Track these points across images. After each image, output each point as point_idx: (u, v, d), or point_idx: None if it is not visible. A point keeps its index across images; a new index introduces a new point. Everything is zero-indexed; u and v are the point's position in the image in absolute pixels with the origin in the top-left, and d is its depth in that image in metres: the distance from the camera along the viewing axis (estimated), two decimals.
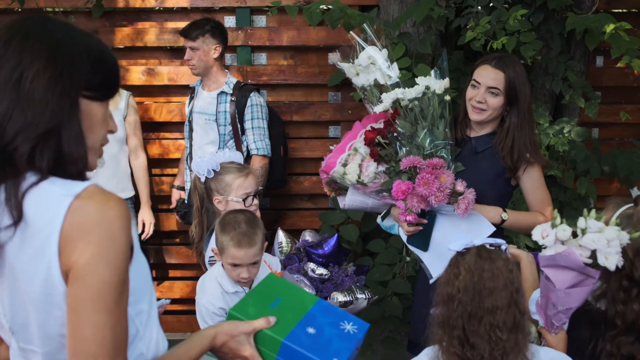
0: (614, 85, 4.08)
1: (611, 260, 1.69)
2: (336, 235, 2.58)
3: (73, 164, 1.16)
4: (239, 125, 3.48)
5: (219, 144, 3.48)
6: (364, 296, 2.55)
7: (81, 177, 1.18)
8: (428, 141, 2.39)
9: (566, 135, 3.47)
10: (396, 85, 2.50)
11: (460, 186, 2.32)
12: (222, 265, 2.31)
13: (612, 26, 2.95)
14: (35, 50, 1.13)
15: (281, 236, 2.71)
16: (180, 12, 4.09)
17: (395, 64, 2.56)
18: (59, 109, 1.13)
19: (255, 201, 2.62)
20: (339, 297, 2.53)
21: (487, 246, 1.69)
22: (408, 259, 2.70)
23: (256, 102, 3.49)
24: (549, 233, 1.74)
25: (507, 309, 1.59)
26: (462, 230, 2.36)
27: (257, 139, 3.47)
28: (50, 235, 1.10)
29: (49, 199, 1.12)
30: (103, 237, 1.10)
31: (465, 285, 1.61)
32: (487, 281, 1.60)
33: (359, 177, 2.40)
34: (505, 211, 2.46)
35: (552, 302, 1.77)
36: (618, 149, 3.76)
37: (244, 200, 2.57)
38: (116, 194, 1.16)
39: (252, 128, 3.48)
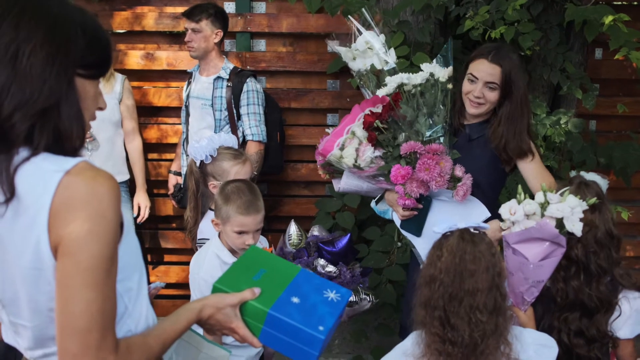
0: (612, 78, 4.08)
1: (577, 226, 1.75)
2: (349, 235, 2.60)
3: (71, 141, 1.17)
4: (234, 111, 3.48)
5: (214, 129, 3.49)
6: (367, 298, 2.56)
7: (75, 153, 1.18)
8: (427, 127, 2.40)
9: (563, 126, 3.48)
10: (393, 71, 2.51)
11: (459, 171, 2.35)
12: (220, 236, 2.34)
13: (610, 18, 2.94)
14: (32, 26, 1.13)
15: (293, 229, 2.72)
16: None
17: (392, 50, 2.57)
18: (57, 86, 1.14)
19: None
20: None
21: (471, 230, 1.71)
22: (399, 244, 2.71)
23: (252, 88, 3.49)
24: (517, 209, 1.79)
25: (488, 291, 1.61)
26: (458, 215, 2.37)
27: (253, 125, 3.48)
28: (40, 210, 1.10)
29: (40, 174, 1.12)
30: (92, 213, 1.11)
31: (447, 266, 1.63)
32: (469, 263, 1.62)
33: (356, 161, 2.42)
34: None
35: (524, 277, 1.80)
36: (615, 141, 3.77)
37: None
38: (106, 171, 1.17)
39: (248, 114, 3.48)
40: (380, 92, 2.45)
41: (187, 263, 4.15)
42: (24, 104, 1.11)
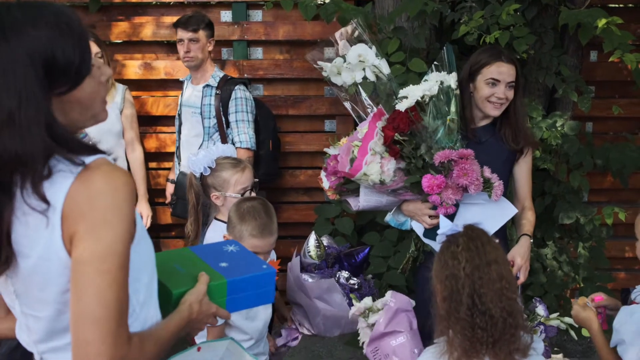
0: (607, 80, 4.11)
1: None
2: (368, 248, 2.62)
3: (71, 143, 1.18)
4: (223, 119, 3.51)
5: (203, 137, 3.52)
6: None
7: (92, 149, 1.20)
8: (447, 135, 2.41)
9: (559, 129, 3.50)
10: (387, 82, 2.52)
11: (487, 173, 2.39)
12: None
13: (604, 21, 2.97)
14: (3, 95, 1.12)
15: (312, 242, 2.76)
16: (177, 6, 4.12)
17: (384, 60, 2.57)
18: (39, 137, 1.13)
19: (252, 194, 2.65)
20: None
21: None
22: (416, 253, 2.68)
23: (240, 96, 3.51)
24: None
25: (508, 269, 1.66)
26: (488, 215, 2.42)
27: (241, 132, 3.49)
28: (55, 204, 1.13)
29: (58, 170, 1.14)
30: (109, 204, 1.13)
31: (467, 248, 1.66)
32: (487, 245, 1.67)
33: (381, 177, 2.41)
34: (528, 236, 2.58)
35: None
36: (611, 143, 3.79)
37: (241, 195, 2.60)
38: (123, 168, 1.20)
39: (237, 121, 3.50)
40: (401, 106, 2.42)
41: None
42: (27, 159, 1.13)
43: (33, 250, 1.16)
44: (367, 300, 2.31)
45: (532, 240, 2.58)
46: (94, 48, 1.21)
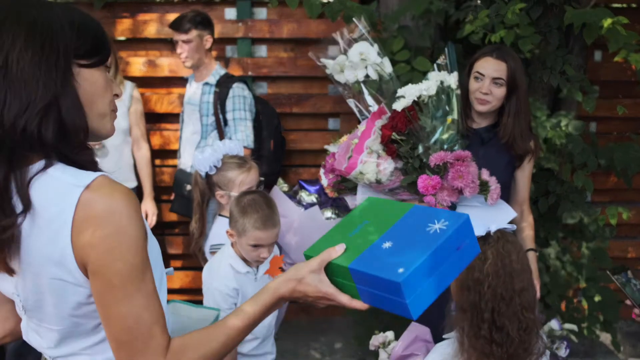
0: (612, 80, 4.11)
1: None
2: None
3: (75, 133, 1.16)
4: (221, 117, 3.50)
5: (201, 134, 3.52)
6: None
7: (83, 150, 1.19)
8: (446, 136, 2.40)
9: (563, 128, 3.50)
10: (390, 81, 2.51)
11: (485, 175, 2.38)
12: (233, 245, 2.34)
13: (609, 20, 2.96)
14: (14, 32, 1.12)
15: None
16: (181, 4, 4.12)
17: (387, 59, 2.56)
18: (50, 81, 1.13)
19: None
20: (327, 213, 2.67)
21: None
22: None
23: (238, 94, 3.49)
24: None
25: (530, 288, 1.66)
26: (486, 218, 2.39)
27: (239, 131, 3.47)
28: (63, 226, 1.11)
29: (59, 187, 1.13)
30: (112, 231, 1.12)
31: (495, 269, 1.64)
32: (515, 263, 1.65)
33: (377, 175, 2.42)
34: (534, 250, 2.64)
35: None
36: (615, 143, 3.78)
37: None
38: (124, 184, 1.18)
39: (234, 119, 3.49)
40: (398, 106, 2.41)
41: (191, 268, 4.20)
42: (24, 109, 1.11)
43: (45, 270, 1.15)
44: (389, 334, 2.34)
45: (537, 254, 2.63)
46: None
